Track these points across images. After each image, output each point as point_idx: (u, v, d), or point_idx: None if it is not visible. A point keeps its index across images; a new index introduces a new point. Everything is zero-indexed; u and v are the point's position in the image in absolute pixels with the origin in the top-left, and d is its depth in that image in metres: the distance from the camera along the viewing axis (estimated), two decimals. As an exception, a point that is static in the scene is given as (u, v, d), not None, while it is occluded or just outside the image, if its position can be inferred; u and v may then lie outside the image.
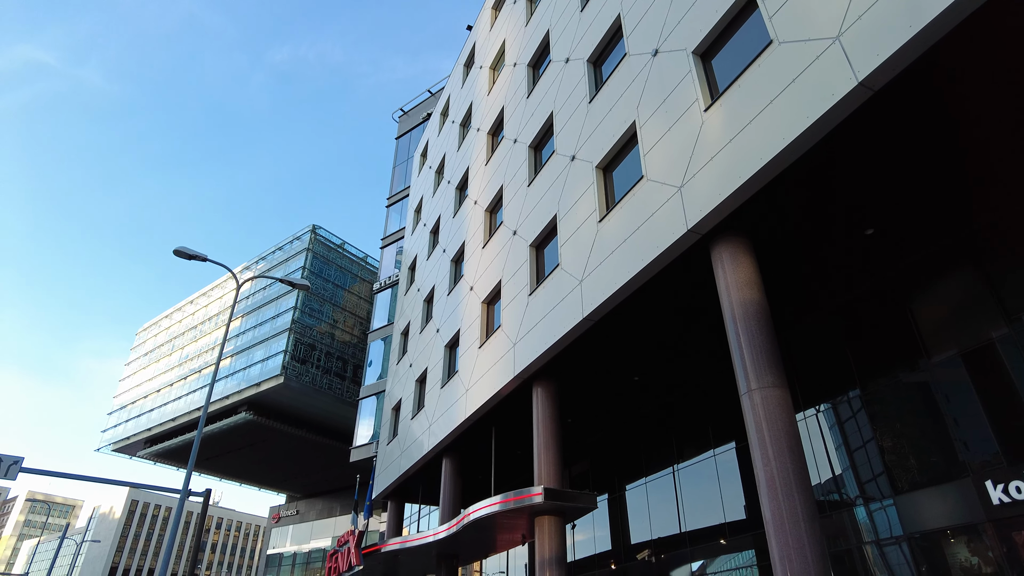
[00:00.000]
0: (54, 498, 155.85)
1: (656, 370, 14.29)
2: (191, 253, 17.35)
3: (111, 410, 61.63)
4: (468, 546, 18.31)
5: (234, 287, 54.30)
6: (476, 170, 21.85)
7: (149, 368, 60.52)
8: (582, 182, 13.25)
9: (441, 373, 20.28)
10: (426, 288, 25.09)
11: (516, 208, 16.88)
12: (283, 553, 52.77)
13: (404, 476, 22.48)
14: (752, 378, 8.30)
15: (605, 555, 17.28)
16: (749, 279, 8.96)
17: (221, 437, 45.99)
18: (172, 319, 62.65)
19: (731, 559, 13.05)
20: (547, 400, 14.01)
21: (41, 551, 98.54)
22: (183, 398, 51.59)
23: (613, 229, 11.56)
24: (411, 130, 41.77)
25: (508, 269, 16.40)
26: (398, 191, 40.24)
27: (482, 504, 14.01)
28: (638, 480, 16.65)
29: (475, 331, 17.89)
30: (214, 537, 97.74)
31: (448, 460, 19.26)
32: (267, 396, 43.64)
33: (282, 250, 52.08)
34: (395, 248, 38.40)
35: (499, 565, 22.52)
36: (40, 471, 16.49)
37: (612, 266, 11.20)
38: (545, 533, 12.84)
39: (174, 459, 53.92)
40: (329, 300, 49.06)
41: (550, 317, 13.21)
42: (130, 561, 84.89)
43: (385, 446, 26.43)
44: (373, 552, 20.01)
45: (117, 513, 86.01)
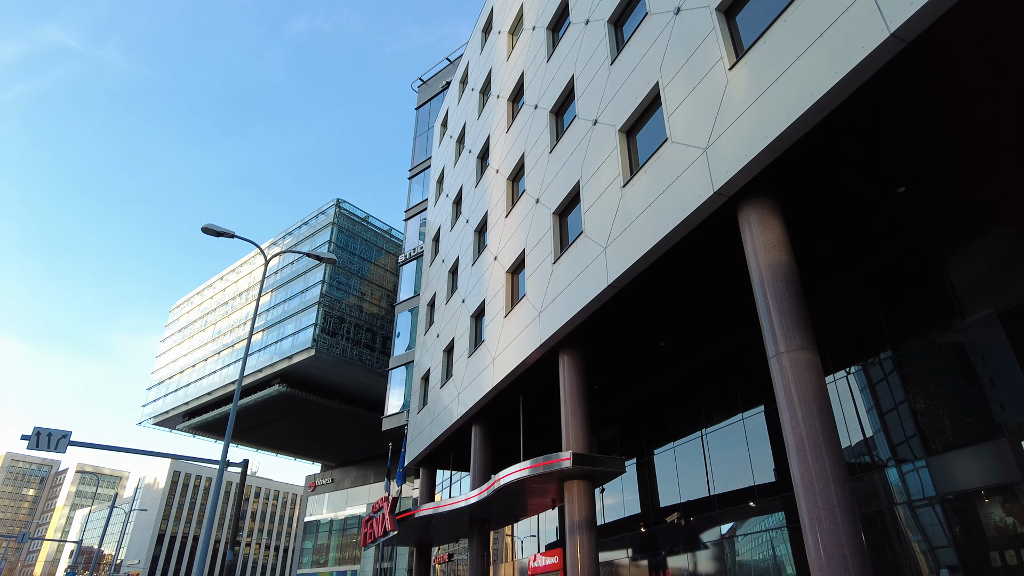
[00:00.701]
0: (102, 470, 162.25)
1: (683, 335, 14.23)
2: (219, 230, 17.61)
3: (150, 385, 63.58)
4: (499, 510, 18.68)
5: (262, 263, 55.10)
6: (497, 138, 21.67)
7: (184, 344, 62.08)
8: (605, 146, 13.07)
9: (468, 343, 20.46)
10: (450, 259, 25.17)
11: (538, 175, 16.75)
12: (320, 520, 54.43)
13: (435, 444, 22.89)
14: (780, 341, 8.22)
15: (634, 518, 17.50)
16: (777, 241, 8.82)
17: (256, 409, 47.21)
18: (204, 295, 63.96)
19: (760, 521, 13.12)
20: (573, 367, 14.07)
21: (93, 519, 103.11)
22: (218, 372, 52.94)
23: (637, 194, 11.42)
24: (431, 99, 41.44)
25: (531, 238, 16.35)
26: (420, 162, 40.14)
27: (512, 470, 14.23)
28: (666, 445, 16.73)
29: (500, 301, 17.95)
30: (253, 505, 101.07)
31: (477, 427, 19.54)
32: (299, 368, 44.56)
33: (308, 225, 52.56)
34: (419, 220, 38.49)
35: (530, 528, 22.96)
36: (87, 444, 17.17)
37: (637, 232, 11.10)
38: (574, 497, 13.03)
39: (212, 431, 55.62)
40: (356, 273, 49.56)
41: (575, 285, 13.19)
42: (175, 529, 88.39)
43: (415, 415, 26.89)
44: (407, 517, 20.54)
45: (161, 483, 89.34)
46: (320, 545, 53.59)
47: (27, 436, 16.36)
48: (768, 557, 12.73)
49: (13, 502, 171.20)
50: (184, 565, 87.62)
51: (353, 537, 49.61)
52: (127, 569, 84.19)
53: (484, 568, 19.06)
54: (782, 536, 12.47)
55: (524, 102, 19.20)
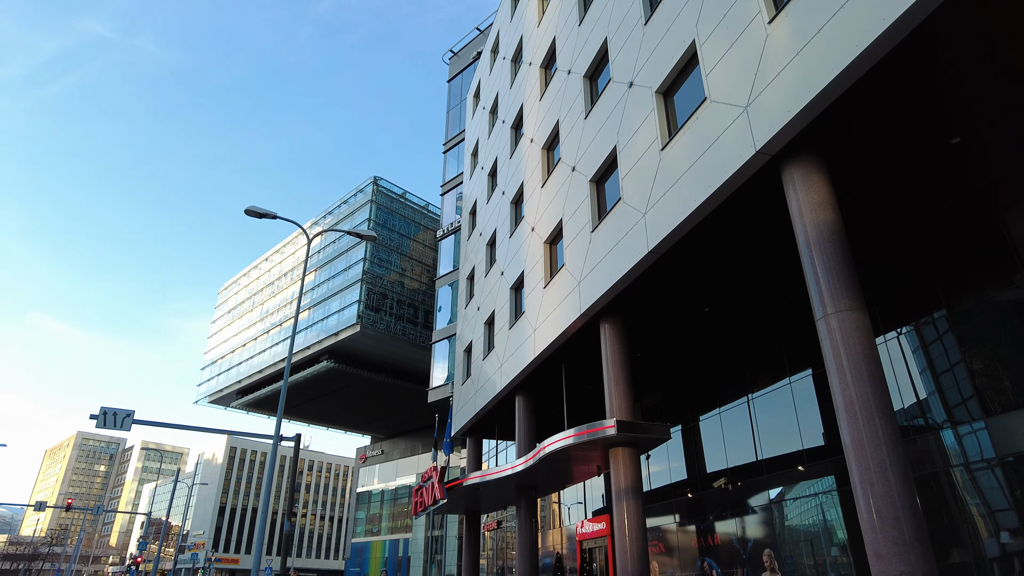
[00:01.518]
0: (164, 447, 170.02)
1: (727, 300, 13.99)
2: (261, 211, 17.96)
3: (203, 365, 65.92)
4: (545, 478, 18.91)
5: (305, 242, 56.11)
6: (530, 107, 21.42)
7: (233, 324, 64.01)
8: (641, 109, 12.79)
9: (508, 315, 20.54)
10: (488, 232, 25.18)
11: (574, 143, 16.53)
12: (371, 491, 56.05)
13: (480, 414, 23.21)
14: (828, 302, 8.01)
15: (681, 484, 17.50)
16: (823, 199, 8.53)
17: (306, 385, 48.56)
18: (250, 277, 65.63)
19: (810, 485, 12.96)
20: (615, 336, 14.00)
21: (159, 493, 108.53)
22: (268, 350, 54.51)
23: (676, 156, 11.17)
24: (462, 71, 41.10)
25: (569, 207, 16.20)
26: (454, 135, 40.02)
27: (556, 438, 14.35)
28: (712, 411, 16.60)
29: (539, 271, 17.92)
30: (307, 478, 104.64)
31: (521, 397, 19.71)
32: (345, 344, 45.54)
33: (347, 203, 53.19)
34: (455, 194, 38.52)
35: (577, 495, 23.21)
36: (148, 422, 17.98)
37: (677, 195, 10.88)
38: (620, 464, 13.08)
39: (264, 408, 57.51)
40: (396, 249, 50.10)
41: (614, 253, 13.05)
42: (235, 501, 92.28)
43: (460, 386, 27.26)
44: (455, 486, 20.97)
45: (219, 459, 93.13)
46: (372, 515, 55.28)
47: (95, 416, 17.23)
48: (818, 521, 12.60)
49: (86, 478, 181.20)
50: (245, 535, 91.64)
51: (404, 506, 50.99)
52: (193, 539, 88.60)
53: (532, 535, 19.40)
54: (832, 500, 12.31)
55: (557, 68, 18.88)
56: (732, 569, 14.48)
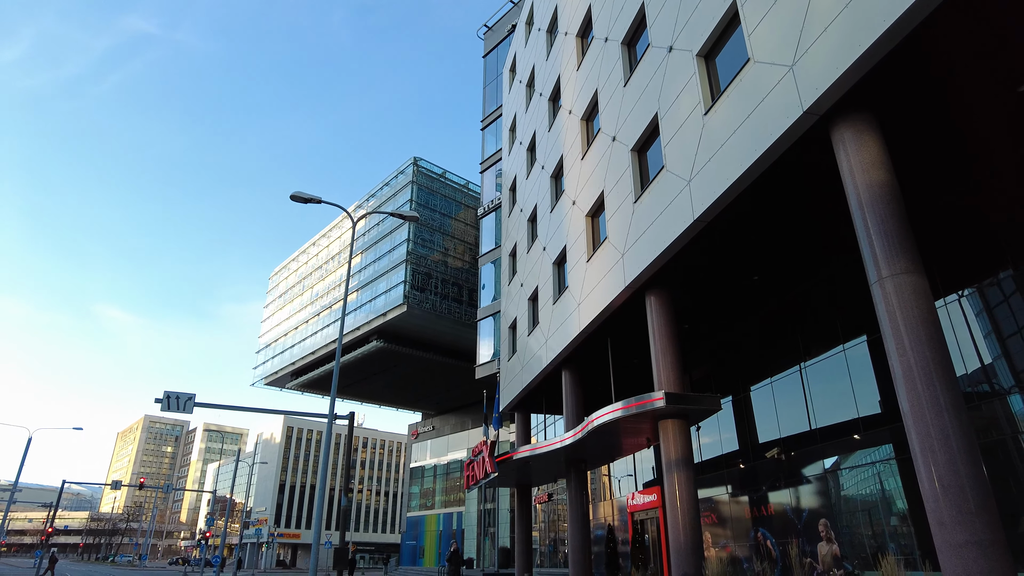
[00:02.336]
0: (224, 428, 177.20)
1: (776, 267, 13.63)
2: (306, 197, 18.28)
3: (258, 348, 68.07)
4: (594, 451, 18.98)
5: (350, 225, 57.00)
6: (567, 78, 21.09)
7: (285, 308, 65.75)
8: (682, 74, 12.45)
9: (552, 290, 20.51)
10: (528, 207, 25.08)
11: (613, 112, 16.23)
12: (424, 466, 57.29)
13: (527, 389, 23.37)
14: (883, 266, 7.72)
15: (732, 455, 17.31)
16: (876, 159, 8.18)
17: (357, 365, 49.70)
18: (299, 261, 67.14)
19: (867, 454, 12.65)
20: (661, 308, 13.83)
21: (222, 472, 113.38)
22: (319, 332, 55.90)
23: (720, 121, 10.86)
24: (497, 46, 40.69)
25: (610, 178, 15.98)
26: (491, 112, 39.79)
27: (605, 411, 14.34)
28: (763, 380, 16.30)
29: (581, 245, 17.79)
30: (362, 455, 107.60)
31: (567, 372, 19.74)
32: (393, 324, 46.33)
33: (389, 185, 53.67)
34: (494, 171, 38.41)
35: (627, 468, 23.24)
36: (209, 404, 18.73)
37: (722, 161, 10.60)
38: (670, 436, 13.01)
39: (318, 388, 59.17)
40: (438, 229, 50.43)
41: (658, 223, 12.84)
42: (293, 479, 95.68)
43: (506, 362, 27.47)
44: (506, 460, 21.25)
45: (277, 438, 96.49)
46: (426, 489, 56.57)
47: (160, 399, 18.03)
48: (876, 491, 12.31)
49: (155, 458, 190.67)
50: (304, 511, 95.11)
51: (456, 481, 52.01)
52: (256, 516, 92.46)
53: (583, 507, 19.55)
54: (891, 469, 11.99)
55: (593, 36, 18.50)
56: (787, 539, 14.31)
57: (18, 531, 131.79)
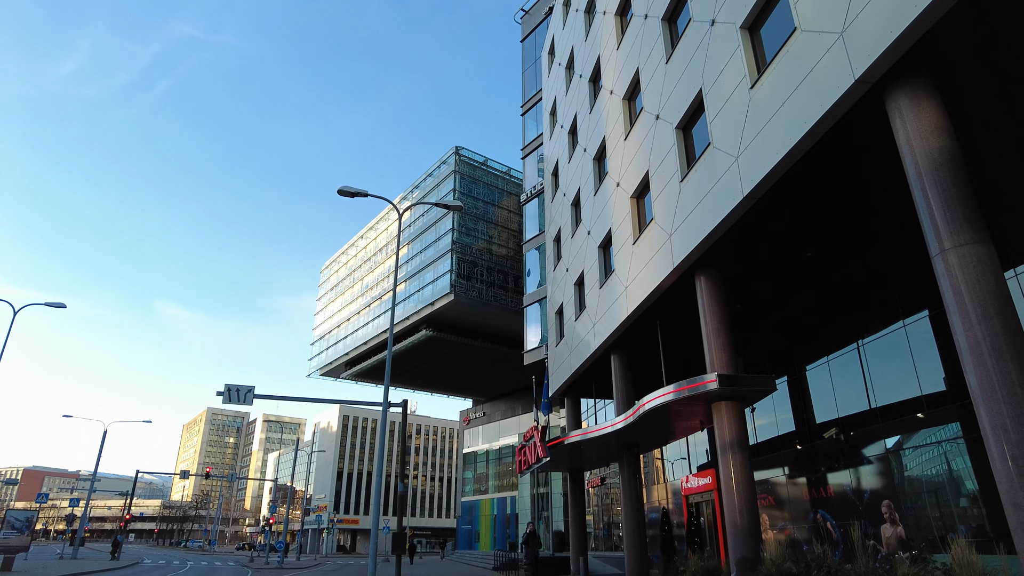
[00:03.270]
0: (283, 418, 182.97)
1: (830, 242, 13.20)
2: (353, 191, 18.59)
3: (312, 340, 69.91)
4: (647, 434, 18.87)
5: (396, 217, 57.78)
6: (607, 57, 20.78)
7: (337, 300, 67.28)
8: (726, 47, 12.12)
9: (598, 274, 20.38)
10: (571, 192, 24.92)
11: (655, 90, 15.93)
12: (477, 451, 58.04)
13: (575, 374, 23.36)
14: (945, 237, 7.39)
15: (789, 436, 16.96)
16: (935, 126, 7.81)
17: (408, 354, 50.56)
18: (348, 254, 68.49)
19: (931, 433, 12.20)
20: (712, 288, 13.60)
21: (283, 461, 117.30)
22: (370, 323, 57.03)
23: (767, 94, 10.54)
24: (535, 29, 40.35)
25: (655, 157, 15.72)
26: (530, 96, 39.57)
27: (656, 394, 14.23)
28: (819, 359, 15.88)
29: (627, 227, 17.59)
30: (416, 441, 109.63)
31: (616, 356, 19.64)
32: (442, 313, 46.89)
33: (432, 176, 54.10)
34: (536, 156, 38.25)
35: (680, 451, 23.03)
36: (268, 396, 19.40)
37: (770, 135, 10.30)
38: (723, 418, 12.82)
39: (371, 377, 60.46)
40: (482, 217, 50.63)
41: (706, 201, 12.59)
42: (351, 466, 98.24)
43: (554, 348, 27.49)
44: (557, 444, 21.35)
45: (334, 427, 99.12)
46: (480, 474, 57.34)
47: (221, 392, 18.82)
48: (942, 471, 11.87)
49: (219, 449, 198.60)
50: (362, 497, 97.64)
51: (509, 465, 52.52)
52: (316, 502, 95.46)
53: (637, 490, 19.49)
54: (958, 448, 11.54)
55: (633, 14, 18.16)
56: (847, 521, 13.97)
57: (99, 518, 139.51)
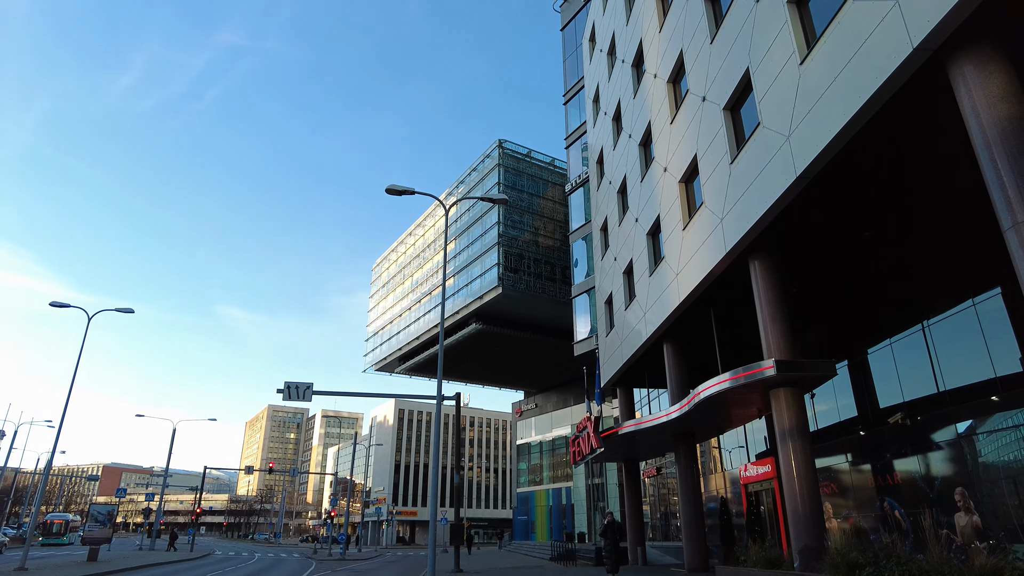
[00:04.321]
0: (341, 413, 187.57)
1: (889, 220, 12.67)
2: (401, 189, 18.84)
3: (367, 337, 71.37)
4: (702, 423, 18.58)
5: (443, 213, 58.31)
6: (650, 41, 20.41)
7: (388, 297, 68.47)
8: (773, 23, 11.74)
9: (647, 262, 20.11)
10: (617, 179, 24.63)
11: (701, 71, 15.57)
12: (530, 442, 58.28)
13: (627, 364, 23.16)
14: (1018, 208, 6.99)
15: (851, 422, 16.42)
16: (1004, 91, 7.39)
17: (459, 347, 51.09)
18: (398, 252, 69.55)
19: (1008, 416, 11.61)
20: (766, 272, 13.25)
21: (342, 455, 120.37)
22: (421, 318, 57.85)
23: (818, 69, 10.17)
24: (574, 17, 39.98)
25: (702, 140, 15.39)
26: (572, 85, 39.25)
27: (711, 383, 13.98)
28: (881, 342, 15.29)
29: (676, 213, 17.30)
30: (469, 434, 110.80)
31: (669, 344, 19.36)
32: (490, 306, 47.18)
33: (476, 171, 54.34)
34: (580, 145, 37.97)
35: (737, 439, 22.59)
36: (326, 392, 19.94)
37: (823, 112, 9.94)
38: (782, 405, 12.51)
39: (424, 371, 61.37)
40: (527, 209, 50.60)
41: (758, 183, 12.26)
42: (408, 459, 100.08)
43: (604, 338, 27.31)
44: (610, 435, 21.23)
45: (390, 421, 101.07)
46: (534, 465, 57.58)
47: (281, 390, 19.41)
48: (1021, 456, 11.29)
49: (281, 444, 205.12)
50: (419, 489, 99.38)
51: (563, 456, 52.56)
52: (375, 495, 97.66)
53: (694, 480, 19.22)
54: (1038, 430, 10.95)
55: (675, -4, 17.77)
56: (917, 509, 13.43)
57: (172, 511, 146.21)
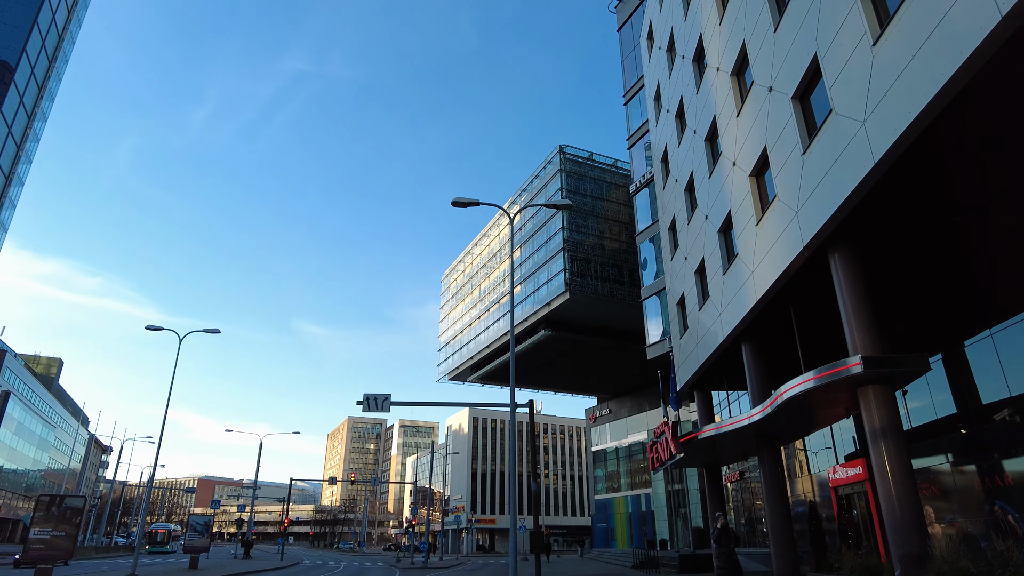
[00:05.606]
0: (417, 423, 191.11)
1: (984, 202, 11.85)
2: (466, 201, 19.10)
3: (439, 347, 72.55)
4: (786, 425, 17.87)
5: (507, 222, 58.72)
6: (710, 34, 19.94)
7: (458, 307, 69.42)
8: (840, 6, 11.25)
9: (720, 260, 19.58)
10: (684, 176, 24.12)
11: (766, 61, 15.08)
12: (606, 449, 57.60)
13: (703, 367, 22.57)
14: None
15: (949, 420, 15.39)
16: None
17: (529, 355, 51.16)
18: (465, 262, 70.48)
19: None
20: (848, 264, 12.65)
21: (420, 464, 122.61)
22: (491, 327, 58.33)
23: (893, 49, 9.66)
24: (631, 16, 39.60)
25: (771, 131, 14.88)
26: (632, 84, 38.83)
27: (795, 382, 13.45)
28: (980, 333, 14.29)
29: (748, 208, 16.77)
30: (544, 441, 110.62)
31: (747, 345, 18.76)
32: (559, 312, 47.03)
33: (538, 177, 54.45)
34: (642, 144, 37.47)
35: (824, 440, 21.60)
36: (403, 403, 20.39)
37: (901, 93, 9.42)
38: (871, 404, 11.87)
39: (496, 379, 61.76)
40: (591, 213, 50.25)
41: (833, 172, 11.73)
42: (484, 467, 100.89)
43: (678, 340, 26.73)
44: (690, 440, 20.72)
45: (465, 429, 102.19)
46: (611, 472, 56.85)
47: (360, 401, 19.99)
48: None
49: (361, 455, 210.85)
50: (496, 497, 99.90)
51: (640, 463, 51.65)
52: (454, 503, 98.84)
53: (779, 484, 18.50)
54: None
55: (734, -14, 17.31)
56: (1034, 511, 12.44)
57: (261, 522, 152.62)
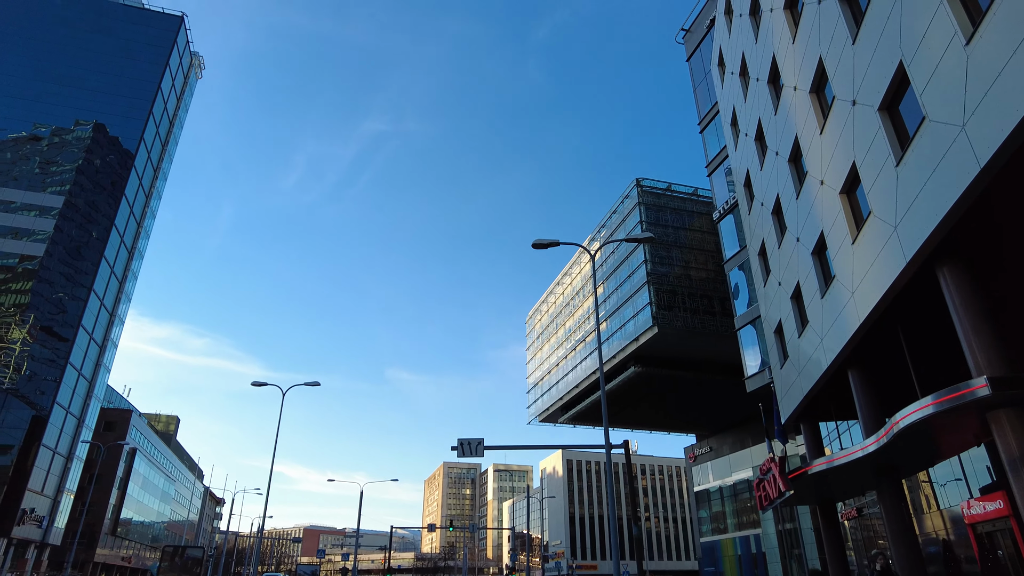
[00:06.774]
0: (511, 467, 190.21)
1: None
2: (547, 242, 19.28)
3: (527, 388, 72.39)
4: (906, 456, 16.49)
5: (588, 259, 58.58)
6: (784, 55, 19.46)
7: (544, 348, 69.29)
8: (925, 7, 10.71)
9: (816, 283, 18.64)
10: (770, 200, 23.33)
11: (846, 74, 14.51)
12: (709, 488, 55.01)
13: (808, 397, 21.32)
14: None
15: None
16: None
17: (620, 393, 50.08)
18: (548, 302, 70.60)
19: None
20: (960, 279, 11.72)
21: (516, 509, 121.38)
22: (578, 366, 57.73)
23: (989, 44, 9.06)
24: (699, 45, 39.38)
25: (859, 146, 14.20)
26: (706, 112, 38.35)
27: (911, 409, 12.44)
28: None
29: (841, 227, 15.97)
30: (641, 482, 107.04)
31: (853, 371, 17.61)
32: (647, 347, 45.95)
33: (617, 212, 54.22)
34: (722, 170, 36.70)
35: (952, 471, 19.74)
36: (496, 447, 20.47)
37: (1004, 90, 8.78)
38: (1007, 429, 10.76)
39: (587, 420, 60.73)
40: (674, 244, 49.33)
41: (932, 182, 11.00)
42: (581, 510, 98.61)
43: (779, 370, 25.45)
44: (799, 475, 19.47)
45: (560, 472, 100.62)
46: (716, 512, 54.13)
47: (455, 447, 20.26)
48: None
49: (457, 500, 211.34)
50: (596, 541, 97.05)
51: (747, 502, 48.94)
52: (553, 549, 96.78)
53: (904, 520, 16.97)
54: None
55: (804, 2, 16.91)
56: None
57: (364, 571, 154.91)
